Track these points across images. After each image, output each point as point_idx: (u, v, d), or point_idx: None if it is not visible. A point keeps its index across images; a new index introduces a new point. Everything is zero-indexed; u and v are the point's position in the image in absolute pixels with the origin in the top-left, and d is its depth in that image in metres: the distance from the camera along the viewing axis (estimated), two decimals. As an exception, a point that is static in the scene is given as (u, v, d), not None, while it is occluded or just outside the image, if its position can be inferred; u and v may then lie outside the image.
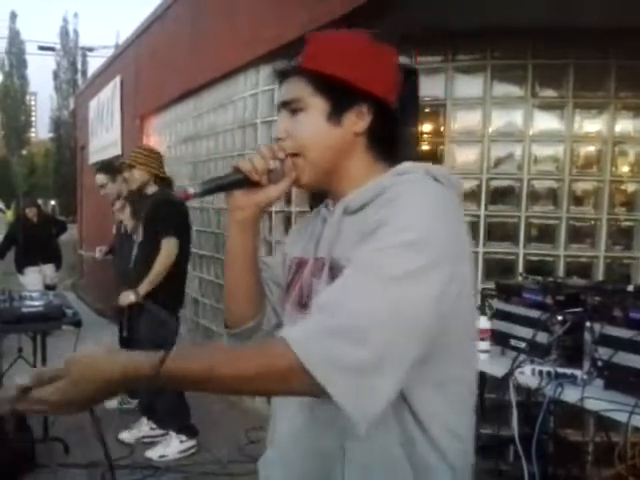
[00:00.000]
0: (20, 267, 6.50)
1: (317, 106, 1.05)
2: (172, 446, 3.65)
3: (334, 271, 1.01)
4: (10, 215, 14.75)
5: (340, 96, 1.04)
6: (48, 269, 6.45)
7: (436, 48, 3.55)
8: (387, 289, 0.88)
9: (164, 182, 3.91)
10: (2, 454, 3.22)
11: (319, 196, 1.19)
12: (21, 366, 4.24)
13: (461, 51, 3.52)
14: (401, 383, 0.88)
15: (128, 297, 3.67)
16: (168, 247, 3.64)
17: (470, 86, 3.51)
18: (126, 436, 3.88)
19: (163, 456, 3.60)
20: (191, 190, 1.04)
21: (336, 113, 1.04)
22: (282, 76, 1.10)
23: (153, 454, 3.64)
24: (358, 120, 1.05)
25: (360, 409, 0.85)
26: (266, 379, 0.87)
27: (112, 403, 4.31)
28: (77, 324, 3.81)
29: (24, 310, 3.53)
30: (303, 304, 1.08)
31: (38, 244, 6.39)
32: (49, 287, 4.39)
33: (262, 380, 0.87)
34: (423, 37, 3.51)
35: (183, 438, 3.68)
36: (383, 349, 0.85)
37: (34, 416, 3.74)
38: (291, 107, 1.07)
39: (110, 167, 4.59)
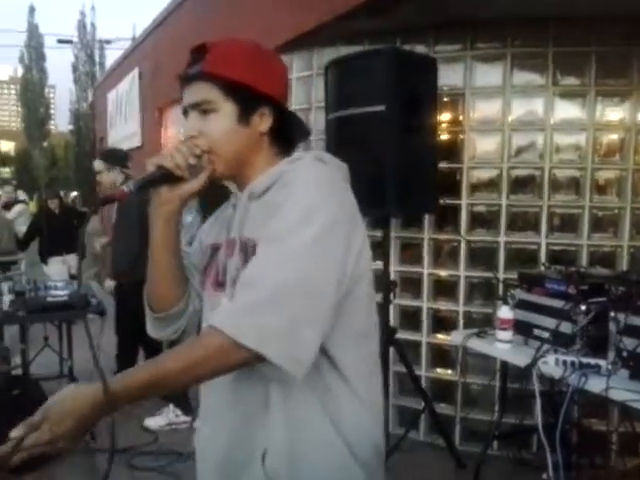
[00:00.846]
0: (44, 257, 6.60)
1: (228, 109, 1.16)
2: (165, 417, 3.97)
3: (245, 249, 1.14)
4: (33, 206, 14.94)
5: (247, 100, 1.16)
6: (72, 259, 6.54)
7: (455, 37, 3.52)
8: (293, 260, 1.02)
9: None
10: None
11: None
12: (48, 354, 4.33)
13: (480, 39, 3.48)
14: (322, 335, 1.03)
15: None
16: None
17: (490, 75, 3.47)
18: (151, 423, 3.96)
19: (166, 424, 3.93)
20: (126, 189, 1.12)
21: (244, 115, 1.17)
22: (187, 81, 1.19)
23: (150, 424, 3.94)
24: (262, 121, 1.19)
25: (293, 363, 0.99)
26: (207, 362, 1.01)
27: None
28: (101, 313, 3.88)
29: (49, 299, 3.60)
30: (220, 283, 1.21)
31: (61, 235, 6.47)
32: (74, 277, 4.45)
33: (204, 364, 1.01)
34: (441, 25, 3.49)
35: (178, 412, 3.97)
36: (298, 311, 1.00)
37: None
38: (202, 108, 1.16)
39: (109, 155, 4.49)
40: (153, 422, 3.97)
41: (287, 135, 1.24)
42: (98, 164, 4.38)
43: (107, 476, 1.11)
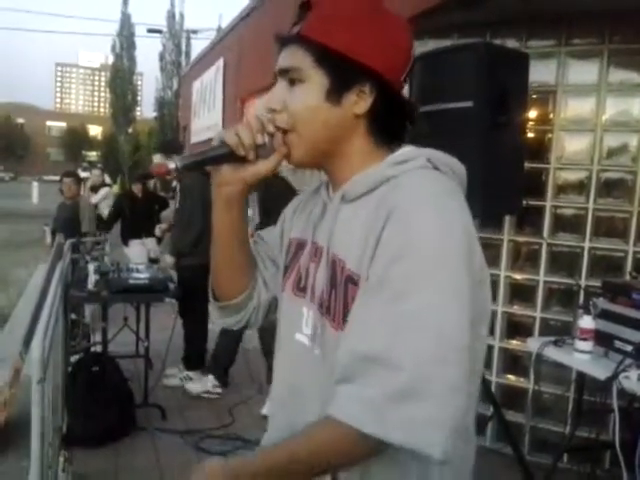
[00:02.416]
0: (125, 239, 6.87)
1: (316, 80, 0.97)
2: (206, 385, 4.25)
3: (334, 267, 0.98)
4: (116, 189, 15.58)
5: (341, 72, 0.96)
6: (150, 243, 6.78)
7: (549, 31, 3.38)
8: (423, 329, 0.84)
9: None
10: (107, 416, 3.44)
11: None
12: (126, 333, 4.51)
13: (576, 34, 3.33)
14: (467, 396, 0.87)
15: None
16: None
17: (584, 72, 3.32)
18: (191, 387, 4.26)
19: (202, 392, 4.23)
20: (171, 165, 0.99)
21: (336, 91, 0.97)
22: (283, 42, 1.02)
23: (191, 388, 4.25)
24: (359, 100, 0.97)
25: (438, 447, 0.83)
26: (337, 459, 0.90)
27: (175, 381, 4.48)
28: (178, 298, 4.00)
29: (131, 282, 3.75)
30: (301, 287, 1.07)
31: (142, 219, 6.72)
32: (153, 260, 4.61)
33: (334, 461, 0.90)
34: (535, 19, 3.36)
35: (216, 383, 4.27)
36: (447, 386, 0.84)
37: (134, 381, 3.98)
38: (289, 76, 0.99)
39: (167, 147, 4.67)
40: (193, 386, 4.25)
41: (391, 122, 1.01)
42: (158, 158, 4.57)
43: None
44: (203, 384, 4.25)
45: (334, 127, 0.98)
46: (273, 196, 3.70)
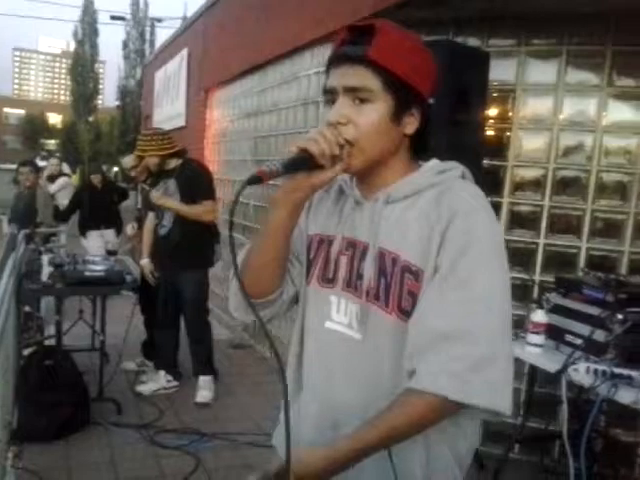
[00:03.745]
0: (83, 231, 6.73)
1: (384, 103, 1.09)
2: (159, 382, 4.18)
3: (382, 259, 1.11)
4: (75, 179, 15.26)
5: (404, 97, 1.10)
6: (109, 234, 6.65)
7: (510, 31, 3.43)
8: (491, 307, 1.03)
9: (182, 153, 4.12)
10: (60, 411, 3.38)
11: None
12: (79, 326, 4.43)
13: (536, 35, 3.39)
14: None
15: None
16: (207, 208, 3.99)
17: (543, 72, 3.38)
18: (144, 389, 4.14)
19: (155, 390, 4.14)
20: (267, 169, 1.03)
21: (398, 113, 1.11)
22: (344, 60, 1.10)
23: (144, 389, 4.13)
24: (410, 122, 1.13)
25: (508, 404, 1.03)
26: (431, 422, 1.05)
27: (130, 365, 4.51)
28: (135, 290, 3.95)
29: (87, 274, 3.67)
30: (327, 279, 1.19)
31: (101, 210, 6.59)
32: (110, 252, 4.53)
33: (428, 424, 1.05)
34: (497, 19, 3.41)
35: (169, 378, 4.20)
36: (506, 358, 1.04)
37: (89, 375, 3.91)
38: (358, 95, 1.09)
39: None
40: (146, 388, 4.14)
41: (425, 140, 1.18)
42: (130, 159, 4.51)
43: None
44: (156, 382, 4.18)
45: (390, 143, 1.13)
46: (189, 181, 3.94)
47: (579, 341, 2.53)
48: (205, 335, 4.19)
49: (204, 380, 4.11)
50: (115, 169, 25.24)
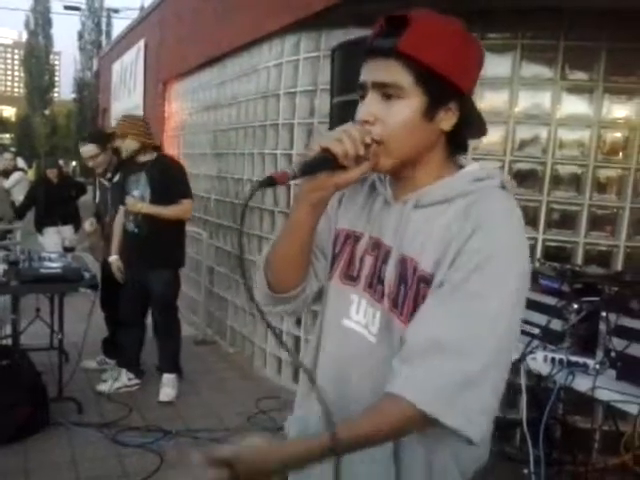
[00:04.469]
0: (39, 227, 6.57)
1: (416, 98, 1.02)
2: (121, 380, 4.10)
3: (404, 265, 1.07)
4: (31, 174, 14.87)
5: (439, 92, 1.03)
6: (67, 231, 6.50)
7: (465, 25, 3.47)
8: (493, 328, 0.97)
9: (157, 149, 4.05)
10: (18, 412, 3.30)
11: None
12: (38, 325, 4.33)
13: (491, 29, 3.43)
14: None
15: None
16: (186, 207, 3.95)
17: (498, 65, 3.43)
18: (104, 388, 4.06)
19: (117, 388, 4.06)
20: (289, 171, 1.00)
21: (432, 109, 1.03)
22: (375, 53, 1.04)
23: (105, 388, 4.04)
24: (446, 117, 1.05)
25: (479, 433, 0.96)
26: (398, 433, 1.01)
27: (91, 363, 4.45)
28: (94, 287, 3.87)
29: (43, 271, 3.59)
30: (350, 276, 1.15)
31: (58, 205, 6.44)
32: (67, 249, 4.42)
33: (394, 434, 1.00)
34: (451, 13, 3.43)
35: (131, 376, 4.14)
36: (496, 385, 0.98)
37: (48, 375, 3.83)
38: (386, 91, 1.03)
39: (99, 137, 4.43)
40: (107, 386, 4.06)
41: (465, 136, 1.11)
42: (91, 148, 4.29)
43: None
44: (118, 380, 4.10)
45: (423, 141, 1.06)
46: (163, 177, 3.86)
47: (536, 330, 2.58)
48: (174, 333, 4.15)
49: (168, 378, 4.06)
50: (73, 164, 24.69)
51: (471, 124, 1.09)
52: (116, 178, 4.26)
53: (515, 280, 0.99)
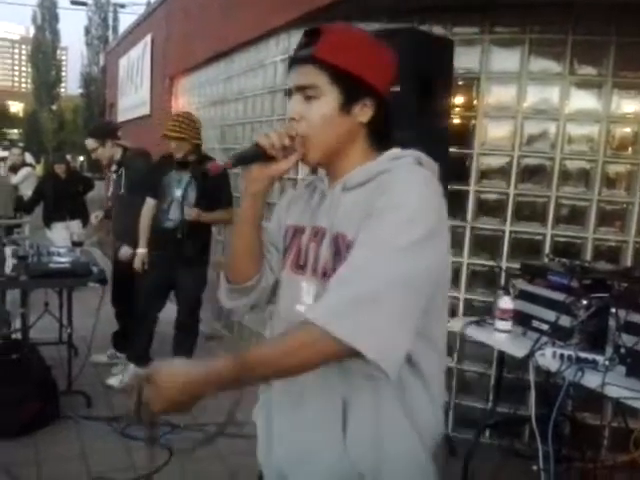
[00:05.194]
0: (48, 222, 6.59)
1: (332, 96, 1.18)
2: (130, 375, 4.04)
3: (337, 243, 1.19)
4: (39, 170, 14.92)
5: (352, 89, 1.18)
6: (75, 225, 6.52)
7: (473, 19, 3.45)
8: (390, 263, 1.06)
9: (200, 148, 4.06)
10: (27, 405, 3.32)
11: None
12: (47, 319, 4.36)
13: (499, 23, 3.42)
14: (412, 337, 1.08)
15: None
16: (231, 215, 3.97)
17: (507, 60, 3.41)
18: (114, 382, 4.07)
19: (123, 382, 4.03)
20: (221, 163, 1.19)
21: (347, 104, 1.18)
22: (296, 62, 1.21)
23: (115, 382, 4.05)
24: (363, 112, 1.20)
25: (387, 361, 1.04)
26: (300, 351, 1.05)
27: (101, 357, 4.46)
28: (102, 282, 3.89)
29: (52, 266, 3.60)
30: (299, 265, 1.27)
31: (66, 200, 6.46)
32: (76, 244, 4.44)
33: (298, 354, 1.05)
34: (460, 7, 3.42)
35: (139, 371, 3.97)
36: (394, 311, 1.05)
37: (57, 369, 3.84)
38: (306, 93, 1.18)
39: (100, 131, 4.51)
40: (116, 381, 4.07)
41: (384, 128, 1.25)
42: (90, 142, 4.39)
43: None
44: (127, 374, 4.09)
45: (344, 133, 1.21)
46: (212, 181, 3.78)
47: (545, 327, 2.58)
48: (195, 330, 4.17)
49: None
50: (80, 159, 24.76)
51: (388, 118, 1.24)
52: (120, 171, 4.32)
53: (420, 229, 1.07)
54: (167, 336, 4.21)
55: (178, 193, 3.92)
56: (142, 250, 4.07)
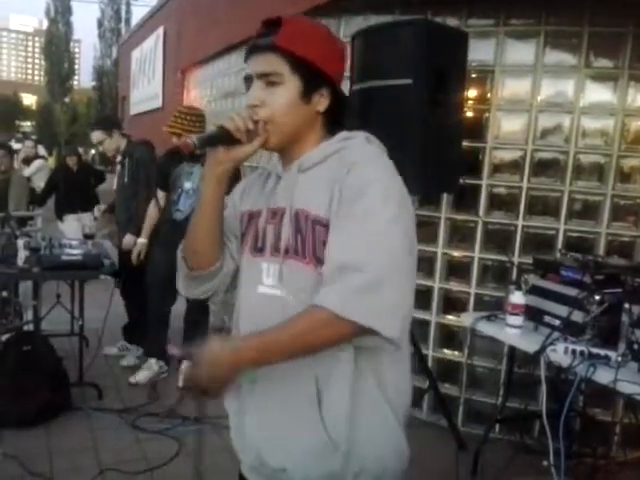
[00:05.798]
0: (60, 214, 6.63)
1: (293, 84, 1.22)
2: (152, 370, 4.11)
3: (297, 219, 1.23)
4: (52, 162, 15.00)
5: (311, 79, 1.23)
6: (86, 218, 6.56)
7: (488, 11, 3.41)
8: (382, 241, 1.13)
9: None
10: (39, 396, 3.35)
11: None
12: (59, 311, 4.38)
13: (514, 15, 3.38)
14: (414, 298, 1.20)
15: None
16: None
17: (521, 52, 3.37)
18: (140, 378, 4.05)
19: (151, 378, 4.06)
20: (189, 141, 1.19)
21: (307, 92, 1.23)
22: (256, 50, 1.24)
23: (140, 378, 4.05)
24: (320, 101, 1.26)
25: (398, 332, 1.14)
26: (314, 332, 1.13)
27: (112, 349, 4.48)
28: (113, 274, 3.90)
29: (64, 258, 3.62)
30: (258, 248, 1.31)
31: (77, 192, 6.49)
32: (88, 236, 4.47)
33: (311, 334, 1.13)
34: (474, 1, 3.39)
35: (161, 364, 4.15)
36: (402, 281, 1.15)
37: (69, 360, 3.86)
38: (269, 79, 1.22)
39: (106, 123, 4.54)
40: (142, 377, 4.06)
41: (338, 117, 1.31)
42: (98, 134, 4.42)
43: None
44: (149, 369, 4.09)
45: (302, 120, 1.26)
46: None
47: (557, 322, 2.56)
48: (204, 319, 4.17)
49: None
50: (92, 151, 24.86)
51: (342, 108, 1.30)
52: (124, 161, 4.36)
53: (395, 202, 1.16)
54: (176, 329, 4.23)
55: (188, 185, 3.93)
56: (142, 240, 4.09)
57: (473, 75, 3.41)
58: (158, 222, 4.11)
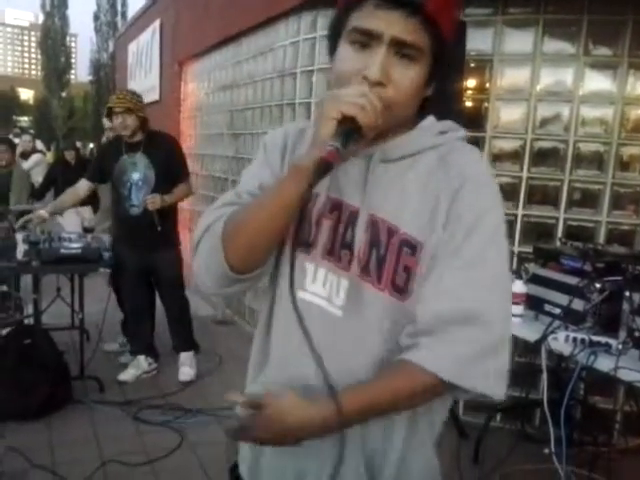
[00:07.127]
0: (59, 208, 6.61)
1: (427, 63, 0.95)
2: (141, 367, 4.06)
3: (376, 227, 0.98)
4: (50, 157, 14.97)
5: (443, 62, 0.97)
6: (86, 212, 6.55)
7: (486, 0, 3.40)
8: (503, 290, 0.97)
9: (147, 125, 3.88)
10: (40, 390, 3.35)
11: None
12: (59, 305, 4.38)
13: (512, 3, 3.36)
14: None
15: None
16: (191, 186, 4.06)
17: (520, 41, 3.36)
18: (126, 377, 4.00)
19: (138, 376, 4.02)
20: (332, 148, 0.87)
21: (433, 76, 0.98)
22: (397, 5, 0.90)
23: (127, 377, 3.98)
24: (431, 87, 1.01)
25: (502, 392, 0.95)
26: (421, 395, 0.96)
27: (113, 346, 4.47)
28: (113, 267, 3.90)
29: (63, 251, 3.62)
30: (305, 242, 1.02)
31: (76, 187, 6.47)
32: (87, 230, 4.46)
33: (417, 397, 0.96)
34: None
35: (150, 361, 4.11)
36: (507, 344, 0.96)
37: (70, 354, 3.86)
38: (404, 51, 0.92)
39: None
40: (129, 375, 4.01)
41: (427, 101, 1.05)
42: (108, 122, 4.43)
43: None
44: (137, 367, 4.07)
45: (415, 107, 1.00)
46: (165, 156, 3.80)
47: (558, 310, 2.56)
48: (185, 311, 4.14)
49: (185, 356, 4.09)
50: (90, 145, 24.81)
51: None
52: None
53: (504, 237, 0.98)
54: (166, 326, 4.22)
55: (136, 176, 3.78)
56: (42, 212, 3.87)
57: (472, 64, 3.40)
58: (113, 221, 4.09)
